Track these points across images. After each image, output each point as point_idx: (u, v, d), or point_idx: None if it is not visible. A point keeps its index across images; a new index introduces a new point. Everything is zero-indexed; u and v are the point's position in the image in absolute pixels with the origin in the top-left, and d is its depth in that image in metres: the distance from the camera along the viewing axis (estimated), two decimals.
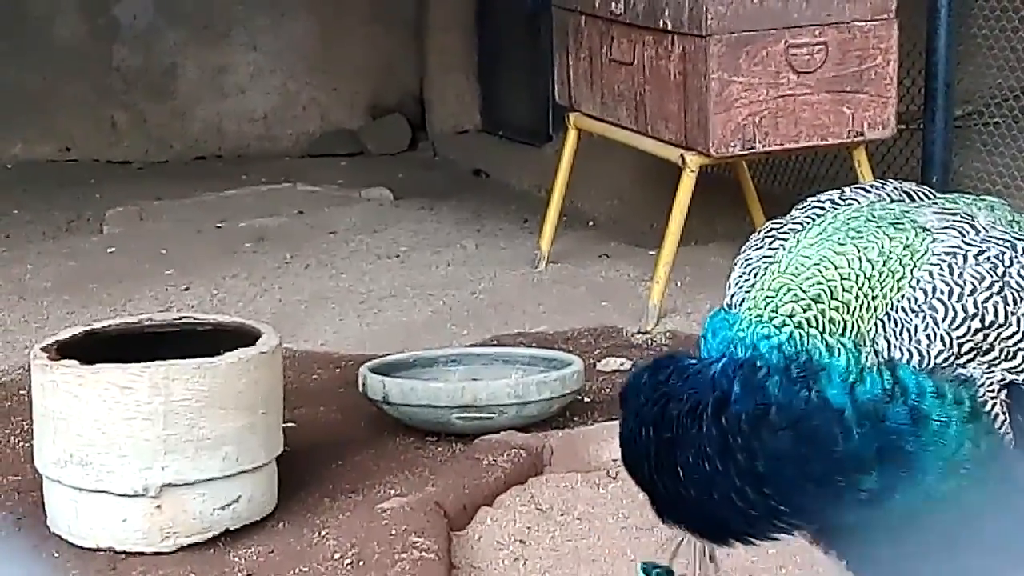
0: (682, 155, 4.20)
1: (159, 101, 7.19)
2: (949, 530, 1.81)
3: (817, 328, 1.78)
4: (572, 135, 4.82)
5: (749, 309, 1.82)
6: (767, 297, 1.82)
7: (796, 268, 1.84)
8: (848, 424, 1.73)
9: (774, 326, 1.79)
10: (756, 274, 1.91)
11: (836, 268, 1.81)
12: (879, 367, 1.75)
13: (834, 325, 1.78)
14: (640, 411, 1.85)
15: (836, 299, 1.79)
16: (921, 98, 4.64)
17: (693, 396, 1.79)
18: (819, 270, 1.82)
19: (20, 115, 6.99)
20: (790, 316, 1.79)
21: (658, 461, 1.82)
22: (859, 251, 1.83)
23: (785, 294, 1.81)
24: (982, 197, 2.02)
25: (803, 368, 1.76)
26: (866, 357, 1.76)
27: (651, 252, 4.72)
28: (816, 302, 1.80)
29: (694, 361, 1.85)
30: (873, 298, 1.79)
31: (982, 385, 1.77)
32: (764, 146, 4.14)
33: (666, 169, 4.44)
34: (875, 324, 1.77)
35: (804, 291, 1.80)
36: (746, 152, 4.15)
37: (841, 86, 4.16)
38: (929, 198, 2.02)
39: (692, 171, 4.17)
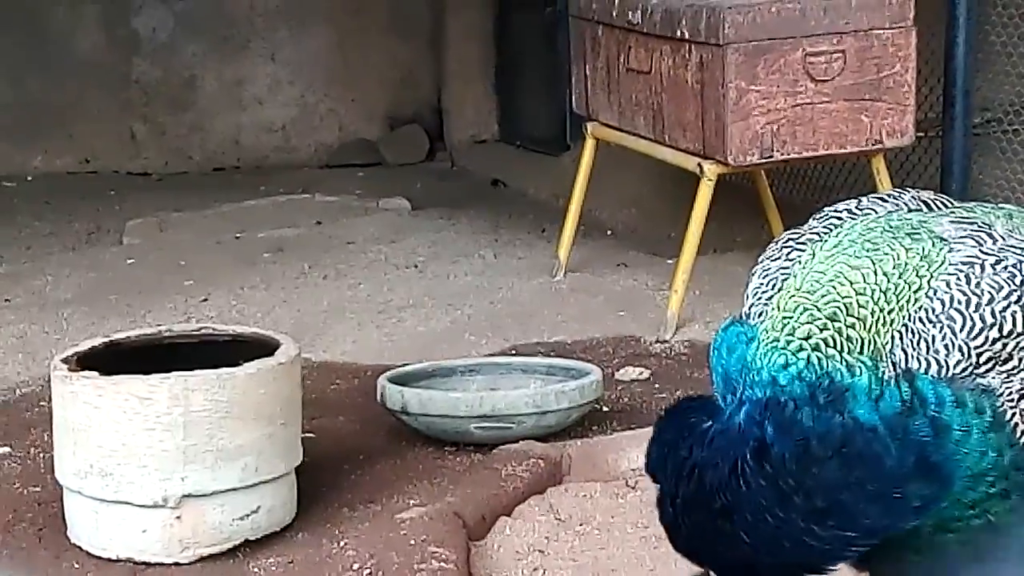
0: (700, 164, 4.19)
1: (178, 113, 7.22)
2: (977, 540, 1.80)
3: (835, 348, 1.77)
4: (590, 144, 4.82)
5: (765, 331, 1.81)
6: (783, 318, 1.80)
7: (811, 285, 1.82)
8: (884, 440, 1.73)
9: (791, 352, 1.78)
10: (773, 285, 1.91)
11: (851, 284, 1.80)
12: (897, 380, 1.75)
13: (851, 343, 1.77)
14: (675, 495, 1.81)
15: (852, 315, 1.78)
16: (939, 106, 4.63)
17: (728, 456, 1.76)
18: (834, 286, 1.81)
19: (41, 127, 7.03)
20: (807, 338, 1.78)
21: (716, 535, 1.79)
22: (874, 264, 1.82)
23: (801, 314, 1.80)
24: (1001, 205, 2.01)
25: (829, 392, 1.75)
26: (884, 371, 1.76)
27: (669, 261, 4.72)
28: (832, 320, 1.78)
29: (707, 421, 1.82)
30: (889, 311, 1.78)
31: (1001, 395, 1.76)
32: (782, 154, 4.13)
33: (684, 178, 4.43)
34: (892, 337, 1.77)
35: (820, 310, 1.79)
36: (764, 161, 4.15)
37: (859, 94, 4.15)
38: (947, 207, 2.01)
39: (710, 180, 4.17)
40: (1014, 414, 1.76)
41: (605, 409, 3.66)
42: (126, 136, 7.19)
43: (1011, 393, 1.76)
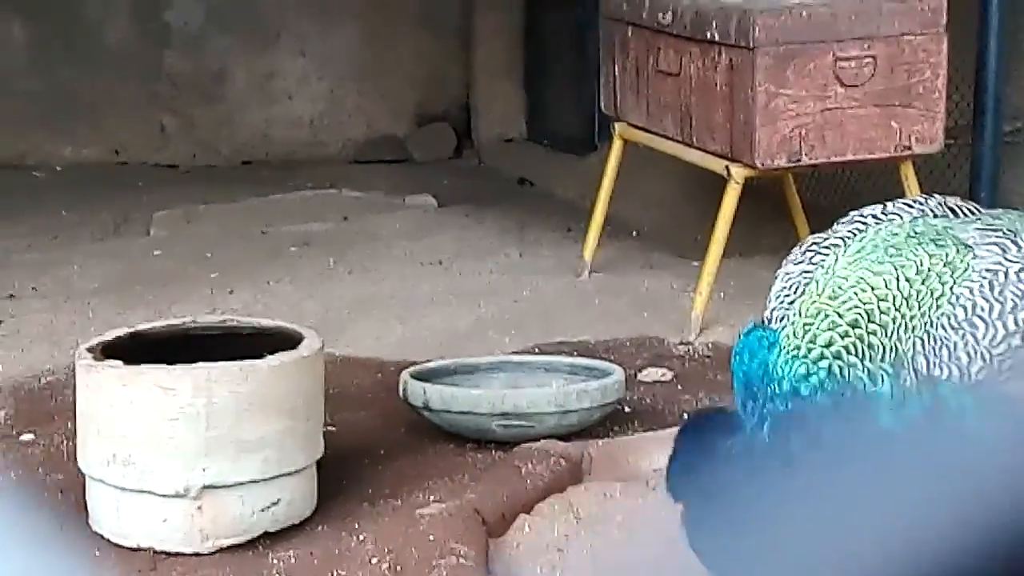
0: (727, 167, 4.19)
1: (208, 106, 7.25)
2: (996, 546, 1.79)
3: (856, 355, 1.77)
4: (617, 145, 4.82)
5: (787, 338, 1.81)
6: (805, 325, 1.80)
7: (833, 291, 1.82)
8: (905, 447, 1.73)
9: (811, 360, 1.78)
10: (796, 289, 1.91)
11: (873, 290, 1.80)
12: (919, 387, 1.75)
13: (873, 350, 1.77)
14: (704, 515, 1.82)
15: (874, 322, 1.78)
16: (970, 113, 4.61)
17: (753, 473, 1.77)
18: (856, 293, 1.80)
19: (70, 118, 7.07)
20: (828, 346, 1.78)
21: (747, 551, 1.80)
22: (897, 270, 1.82)
23: (822, 321, 1.80)
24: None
25: (850, 402, 1.75)
26: (906, 379, 1.75)
27: (695, 263, 4.71)
28: (854, 327, 1.78)
29: (726, 438, 1.82)
30: (911, 318, 1.78)
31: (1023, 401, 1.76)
32: (810, 159, 4.12)
33: (711, 181, 4.43)
34: (914, 343, 1.76)
35: (841, 316, 1.79)
36: (792, 165, 4.14)
37: (889, 100, 4.14)
38: (973, 213, 2.00)
39: (737, 183, 4.16)
40: None
41: (627, 410, 3.66)
42: (155, 128, 7.22)
43: None
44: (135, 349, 3.02)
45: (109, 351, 2.98)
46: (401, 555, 2.80)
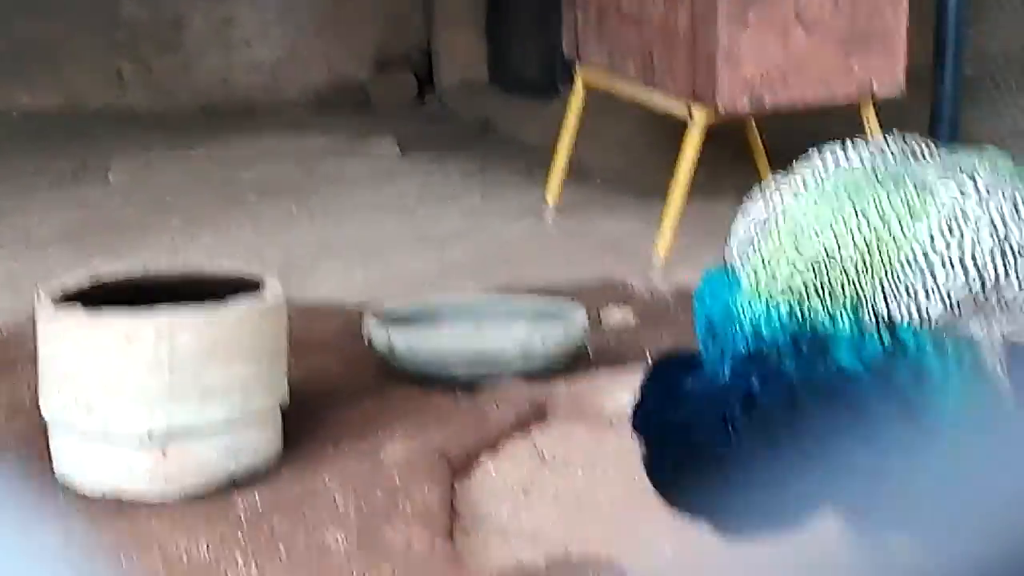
0: (689, 110, 4.19)
1: (165, 53, 7.18)
2: (953, 480, 1.82)
3: (817, 297, 1.78)
4: (579, 89, 4.81)
5: (747, 279, 1.82)
6: (766, 267, 1.81)
7: (794, 233, 1.83)
8: (865, 386, 1.74)
9: (772, 302, 1.79)
10: (758, 231, 1.91)
11: (834, 232, 1.81)
12: (879, 329, 1.76)
13: (833, 292, 1.78)
14: (666, 454, 1.83)
15: (834, 264, 1.79)
16: (931, 55, 4.62)
17: (714, 412, 1.78)
18: (817, 234, 1.81)
19: (27, 65, 6.98)
20: (789, 288, 1.79)
21: (707, 489, 1.81)
22: (857, 211, 1.82)
23: (783, 263, 1.81)
24: (985, 151, 2.01)
25: (811, 342, 1.76)
26: (865, 319, 1.76)
27: (658, 206, 4.72)
28: (814, 269, 1.79)
29: (688, 379, 1.83)
30: (871, 259, 1.79)
31: (982, 342, 1.77)
32: (772, 102, 4.13)
33: (674, 124, 4.43)
34: (873, 285, 1.77)
35: (802, 257, 1.80)
36: (754, 108, 4.14)
37: (851, 42, 4.15)
38: (932, 153, 2.01)
39: (699, 126, 4.17)
40: (994, 362, 1.77)
41: (591, 352, 3.67)
42: (112, 75, 7.14)
43: (991, 342, 1.78)
44: (96, 296, 3.00)
45: (69, 298, 2.96)
46: (367, 498, 2.81)
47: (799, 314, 1.77)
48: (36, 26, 6.97)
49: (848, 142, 2.05)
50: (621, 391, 3.19)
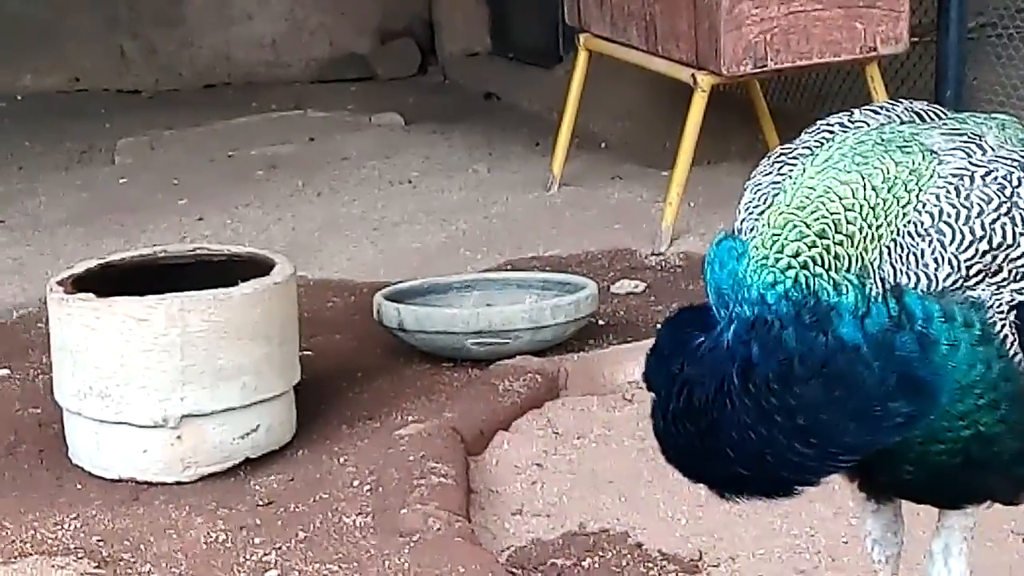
0: (693, 75, 4.17)
1: (167, 29, 7.16)
2: (967, 450, 1.82)
3: (823, 266, 1.77)
4: (582, 57, 4.79)
5: (755, 248, 1.81)
6: (773, 235, 1.80)
7: (801, 201, 1.82)
8: (866, 359, 1.74)
9: (779, 270, 1.78)
10: (765, 200, 1.91)
11: (840, 199, 1.79)
12: (884, 296, 1.75)
13: (839, 260, 1.77)
14: (666, 409, 1.84)
15: (841, 232, 1.78)
16: (934, 11, 4.59)
17: (715, 375, 1.78)
18: (823, 202, 1.80)
19: (29, 46, 6.97)
20: (795, 256, 1.78)
21: (704, 450, 1.81)
22: (864, 179, 1.81)
23: (790, 231, 1.80)
24: (994, 116, 2.00)
25: (814, 312, 1.75)
26: (871, 288, 1.76)
27: (664, 173, 4.71)
28: (821, 237, 1.78)
29: (700, 336, 1.83)
30: (878, 227, 1.78)
31: (991, 308, 1.76)
32: (776, 64, 4.11)
33: (678, 89, 4.41)
34: (880, 252, 1.77)
35: (808, 226, 1.79)
36: (758, 70, 4.12)
37: (853, 1, 4.12)
38: (940, 118, 2.00)
39: (704, 91, 4.15)
40: (1003, 326, 1.77)
41: (601, 323, 3.67)
42: (115, 54, 7.13)
43: (1000, 305, 1.77)
44: (106, 280, 3.01)
45: (80, 283, 2.97)
46: (381, 476, 2.82)
47: (804, 283, 1.77)
48: (36, 6, 6.96)
49: (854, 108, 2.03)
50: (632, 362, 3.20)
